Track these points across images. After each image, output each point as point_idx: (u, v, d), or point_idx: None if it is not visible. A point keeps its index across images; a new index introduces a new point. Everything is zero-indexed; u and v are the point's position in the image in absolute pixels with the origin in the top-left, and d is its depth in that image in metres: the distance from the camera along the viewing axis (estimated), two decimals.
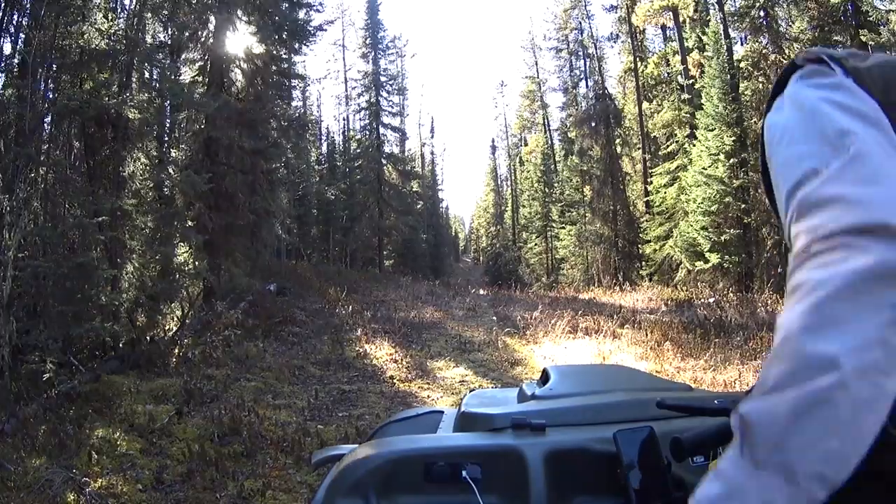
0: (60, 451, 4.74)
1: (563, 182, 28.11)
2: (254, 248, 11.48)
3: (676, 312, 12.09)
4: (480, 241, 53.53)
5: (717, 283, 15.79)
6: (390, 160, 28.42)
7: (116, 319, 7.50)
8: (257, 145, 10.91)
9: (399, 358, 8.74)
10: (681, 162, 19.28)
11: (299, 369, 8.01)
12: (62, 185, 7.47)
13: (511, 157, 43.19)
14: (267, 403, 6.36)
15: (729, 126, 15.59)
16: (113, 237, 7.55)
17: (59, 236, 6.99)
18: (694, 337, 9.20)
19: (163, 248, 8.83)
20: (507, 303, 15.17)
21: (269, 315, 10.48)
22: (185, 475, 4.56)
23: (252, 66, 11.78)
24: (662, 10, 21.69)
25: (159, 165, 9.68)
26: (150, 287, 8.18)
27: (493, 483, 1.20)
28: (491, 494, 1.19)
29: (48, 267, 6.57)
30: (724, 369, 7.40)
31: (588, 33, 28.12)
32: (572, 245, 25.90)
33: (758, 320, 10.05)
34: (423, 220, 32.81)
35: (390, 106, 29.76)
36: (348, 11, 30.35)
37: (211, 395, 6.40)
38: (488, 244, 43.60)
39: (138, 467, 4.68)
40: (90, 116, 7.39)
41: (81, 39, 7.46)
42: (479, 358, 9.07)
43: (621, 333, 10.08)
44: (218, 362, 7.67)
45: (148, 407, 5.83)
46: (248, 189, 10.89)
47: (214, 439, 5.16)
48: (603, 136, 25.52)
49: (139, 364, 7.08)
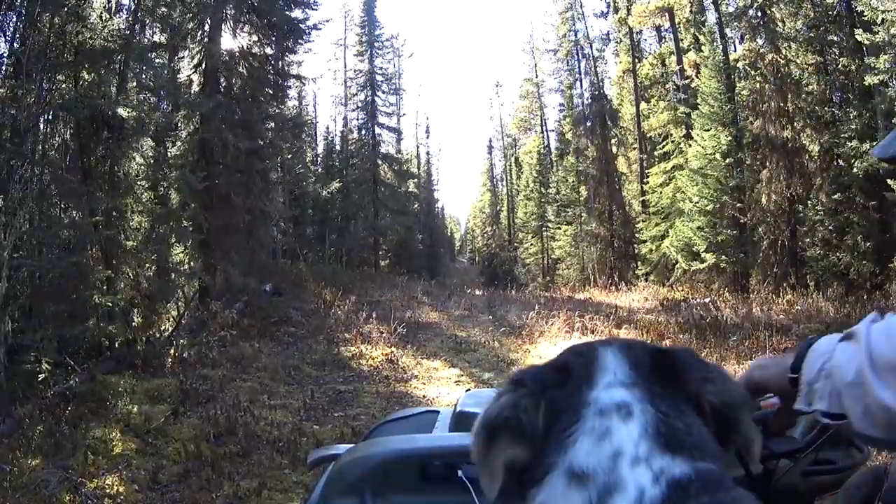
0: (56, 451, 4.74)
1: (560, 182, 28.11)
2: (249, 248, 11.45)
3: (673, 312, 12.11)
4: (476, 241, 53.45)
5: (712, 283, 15.82)
6: (386, 160, 28.36)
7: (112, 320, 7.47)
8: (253, 145, 10.89)
9: (395, 358, 8.74)
10: (677, 162, 19.31)
11: (295, 369, 8.01)
12: (57, 185, 7.43)
13: (507, 157, 43.16)
14: (263, 404, 6.36)
15: (725, 126, 15.61)
16: (108, 237, 7.52)
17: (54, 236, 6.98)
18: (690, 337, 9.23)
19: (158, 248, 8.82)
20: (503, 303, 15.19)
21: (264, 315, 10.46)
22: (181, 475, 4.56)
23: (247, 65, 11.76)
24: (658, 10, 21.73)
25: (154, 165, 9.66)
26: (146, 287, 8.15)
27: None
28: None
29: (43, 267, 6.56)
30: None
31: (584, 34, 28.17)
32: (568, 245, 25.91)
33: (753, 320, 10.08)
34: (419, 220, 32.77)
35: (386, 105, 29.71)
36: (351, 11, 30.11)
37: (207, 396, 6.39)
38: (484, 244, 43.56)
39: (134, 467, 4.68)
40: (85, 116, 7.36)
41: (76, 39, 7.43)
42: (474, 358, 9.09)
43: (618, 334, 10.09)
44: (213, 362, 7.66)
45: (144, 407, 5.83)
46: (244, 189, 10.87)
47: (210, 439, 5.16)
48: (599, 137, 25.55)
49: (135, 364, 7.06)
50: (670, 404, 0.62)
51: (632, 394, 0.62)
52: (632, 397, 0.62)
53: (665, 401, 0.62)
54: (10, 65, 7.19)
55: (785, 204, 15.44)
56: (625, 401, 0.61)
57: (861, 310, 9.62)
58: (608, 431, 0.59)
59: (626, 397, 0.62)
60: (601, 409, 0.61)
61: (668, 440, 0.58)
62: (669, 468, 0.56)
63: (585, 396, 0.63)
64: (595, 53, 27.66)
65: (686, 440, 0.59)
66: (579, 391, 0.64)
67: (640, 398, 0.62)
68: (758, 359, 1.06)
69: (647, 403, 0.61)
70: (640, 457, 0.57)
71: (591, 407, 0.61)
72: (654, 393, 0.63)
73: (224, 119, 10.12)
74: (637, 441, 0.58)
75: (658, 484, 0.55)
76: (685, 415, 0.63)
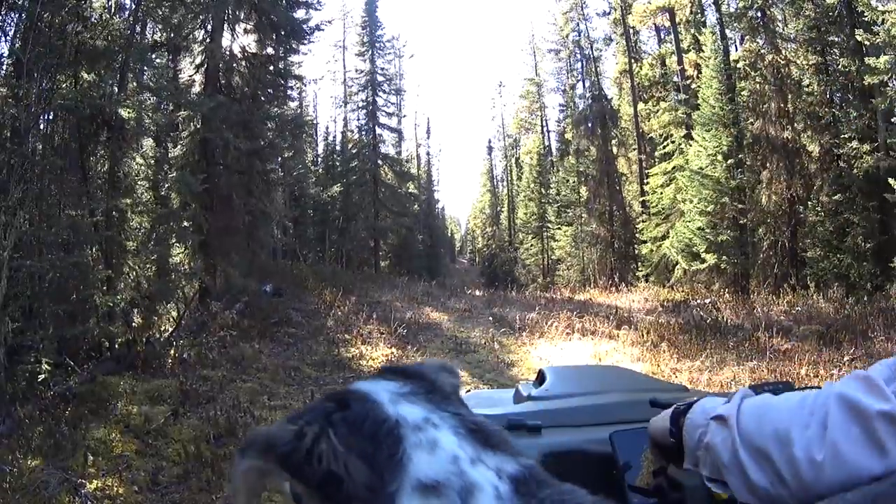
0: (56, 452, 4.74)
1: (560, 183, 28.09)
2: (250, 249, 11.46)
3: (673, 313, 12.09)
4: (476, 242, 53.40)
5: (713, 284, 15.80)
6: (387, 161, 28.34)
7: (112, 320, 7.47)
8: (253, 146, 10.89)
9: (395, 359, 8.74)
10: (677, 162, 19.28)
11: (295, 370, 8.00)
12: (57, 185, 7.43)
13: (507, 157, 43.15)
14: (262, 405, 6.36)
15: (726, 126, 15.59)
16: (108, 237, 7.52)
17: (54, 236, 6.97)
18: (690, 338, 9.21)
19: (159, 249, 8.81)
20: (503, 304, 15.16)
21: (264, 316, 10.44)
22: (180, 476, 4.56)
23: (249, 66, 11.76)
24: (659, 10, 21.73)
25: (156, 165, 9.66)
26: (146, 288, 8.15)
27: None
28: None
29: (43, 267, 6.55)
30: (719, 371, 7.42)
31: (585, 34, 28.16)
32: (568, 246, 25.88)
33: (753, 321, 10.06)
34: (419, 221, 32.73)
35: (387, 106, 29.69)
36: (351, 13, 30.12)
37: (207, 397, 6.39)
38: (484, 245, 43.53)
39: (134, 468, 4.68)
40: (85, 116, 7.35)
41: (76, 39, 7.42)
42: (475, 359, 9.08)
43: (618, 335, 10.08)
44: (213, 363, 7.66)
45: (144, 408, 5.83)
46: (244, 190, 10.87)
47: (210, 440, 5.16)
48: (599, 137, 25.53)
49: (135, 365, 7.06)
50: (447, 405, 0.62)
51: (420, 406, 0.61)
52: (424, 410, 0.60)
53: (442, 405, 0.62)
54: (11, 64, 7.18)
55: (785, 205, 15.41)
56: (424, 415, 0.60)
57: (861, 311, 9.62)
58: (435, 441, 0.57)
59: (422, 411, 0.60)
60: (413, 423, 0.58)
61: (483, 439, 0.58)
62: (503, 465, 0.56)
63: (382, 413, 0.59)
64: (596, 54, 27.68)
65: (493, 438, 0.59)
66: (368, 409, 0.60)
67: (430, 409, 0.61)
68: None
69: (439, 412, 0.60)
70: (474, 458, 0.56)
71: (401, 423, 0.58)
72: (431, 401, 0.62)
73: (225, 119, 10.10)
74: (461, 444, 0.57)
75: (502, 480, 0.55)
76: (463, 409, 0.63)
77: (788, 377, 6.40)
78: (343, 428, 0.58)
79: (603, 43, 27.57)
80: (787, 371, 7.00)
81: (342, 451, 0.56)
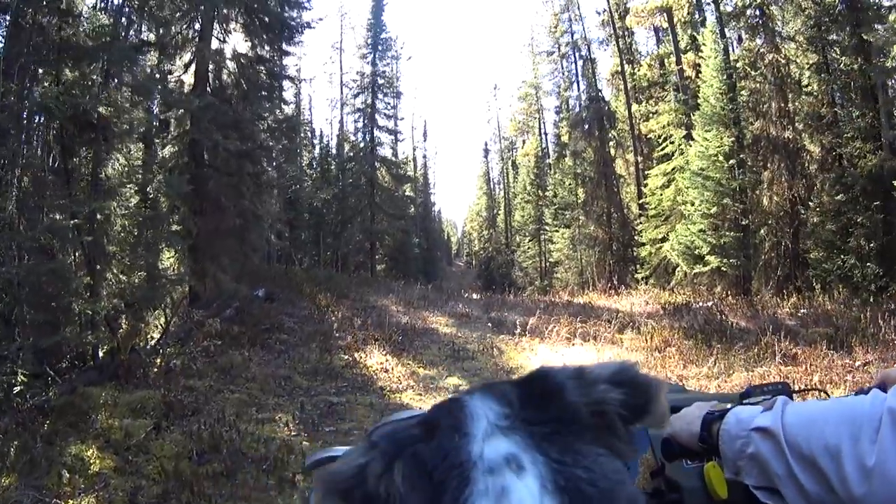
0: (31, 469, 4.49)
1: (557, 185, 27.90)
2: (241, 253, 11.17)
3: (675, 316, 11.82)
4: (473, 244, 53.34)
5: (714, 287, 15.58)
6: (384, 163, 28.09)
7: (94, 328, 7.19)
8: (244, 147, 10.62)
9: (390, 367, 8.46)
10: (677, 163, 19.07)
11: (286, 380, 7.70)
12: (38, 188, 7.15)
13: (504, 160, 43.05)
14: (250, 417, 6.07)
15: (726, 126, 15.37)
16: (91, 242, 7.22)
17: (33, 241, 6.68)
18: (695, 342, 8.95)
19: (145, 254, 8.52)
20: (501, 307, 14.91)
21: (255, 322, 10.14)
22: (159, 497, 4.30)
23: (239, 66, 11.50)
24: (657, 10, 21.54)
25: (143, 167, 9.37)
26: (131, 294, 7.84)
27: None
28: None
29: (22, 273, 6.27)
30: (728, 377, 7.15)
31: (581, 35, 27.94)
32: (566, 248, 25.68)
33: (760, 325, 9.80)
34: (416, 224, 32.56)
35: (387, 108, 29.47)
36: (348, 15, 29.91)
37: (191, 408, 6.11)
38: (481, 248, 43.48)
39: (111, 488, 4.43)
40: (67, 116, 7.07)
41: (59, 35, 7.15)
42: (473, 366, 8.81)
43: (621, 339, 9.83)
44: (200, 373, 7.36)
45: (125, 421, 5.55)
46: (235, 192, 10.60)
47: (193, 457, 4.87)
48: (596, 139, 25.31)
49: (118, 375, 6.77)
50: (562, 445, 0.52)
51: (514, 441, 0.51)
52: (516, 446, 0.51)
53: (554, 443, 0.52)
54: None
55: (787, 206, 15.21)
56: (511, 451, 0.50)
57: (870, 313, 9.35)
58: (505, 490, 0.48)
59: (510, 447, 0.51)
60: (489, 464, 0.50)
61: (573, 498, 0.48)
62: None
63: (465, 451, 0.51)
64: (592, 55, 27.48)
65: (589, 494, 0.49)
66: (453, 445, 0.52)
67: (525, 445, 0.51)
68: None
69: (535, 451, 0.51)
70: None
71: (477, 464, 0.50)
72: (538, 435, 0.52)
73: (214, 120, 9.84)
74: (539, 499, 0.47)
75: None
76: (580, 454, 0.52)
77: (803, 384, 6.13)
78: (411, 467, 0.52)
79: (599, 44, 27.41)
80: (799, 378, 6.73)
81: (403, 492, 0.51)
